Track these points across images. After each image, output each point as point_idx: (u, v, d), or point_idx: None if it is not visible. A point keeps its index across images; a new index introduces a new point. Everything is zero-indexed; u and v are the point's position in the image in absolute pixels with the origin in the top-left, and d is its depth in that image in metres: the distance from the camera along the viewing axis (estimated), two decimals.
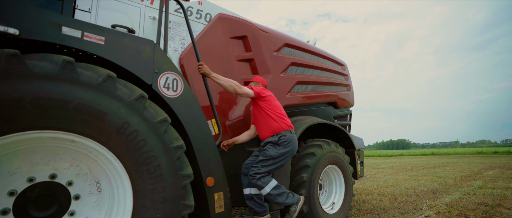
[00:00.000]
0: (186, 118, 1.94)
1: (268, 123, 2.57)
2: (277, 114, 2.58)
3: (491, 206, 4.33)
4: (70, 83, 1.37)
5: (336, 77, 4.15)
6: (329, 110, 4.00)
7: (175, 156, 1.70)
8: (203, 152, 2.01)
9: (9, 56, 1.24)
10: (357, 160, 4.01)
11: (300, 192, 2.78)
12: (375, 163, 18.25)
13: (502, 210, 4.07)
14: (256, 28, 3.16)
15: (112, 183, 1.61)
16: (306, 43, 3.85)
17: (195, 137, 1.97)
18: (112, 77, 1.53)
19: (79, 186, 1.60)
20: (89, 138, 1.44)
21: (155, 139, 1.62)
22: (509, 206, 4.33)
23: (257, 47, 3.10)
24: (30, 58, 1.32)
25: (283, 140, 2.48)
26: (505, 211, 4.02)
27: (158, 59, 1.90)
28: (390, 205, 4.46)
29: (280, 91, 3.20)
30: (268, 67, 3.14)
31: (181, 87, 1.98)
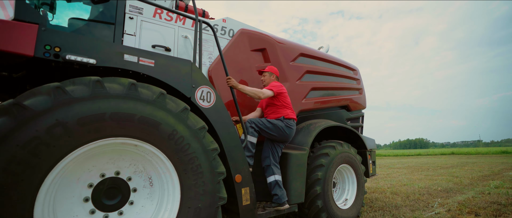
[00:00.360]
0: (218, 124, 2.31)
1: (278, 110, 3.01)
2: (287, 104, 3.03)
3: (503, 205, 4.44)
4: (135, 100, 1.77)
5: (348, 82, 4.41)
6: (342, 113, 4.27)
7: (212, 157, 2.07)
8: (232, 153, 2.37)
9: (94, 82, 1.64)
10: (369, 159, 4.26)
11: (315, 188, 3.09)
12: (390, 163, 18.09)
13: None
14: (274, 40, 3.49)
15: (162, 178, 2.00)
16: (319, 51, 4.14)
17: (226, 140, 2.33)
18: (163, 94, 1.92)
19: (136, 181, 2.00)
20: (148, 142, 1.83)
21: (196, 143, 1.99)
22: None
23: (275, 58, 3.43)
24: (105, 81, 1.72)
25: (288, 124, 2.93)
26: None
27: (195, 76, 2.28)
28: (402, 203, 4.67)
29: (296, 97, 3.51)
30: (286, 75, 3.46)
31: (213, 98, 2.35)
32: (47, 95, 1.50)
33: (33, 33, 1.60)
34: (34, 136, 1.41)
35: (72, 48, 1.74)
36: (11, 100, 1.43)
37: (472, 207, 4.29)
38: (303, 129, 3.43)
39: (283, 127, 2.89)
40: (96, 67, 1.88)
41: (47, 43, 1.65)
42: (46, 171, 1.47)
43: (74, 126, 1.53)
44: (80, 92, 1.59)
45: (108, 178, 1.88)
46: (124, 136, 1.74)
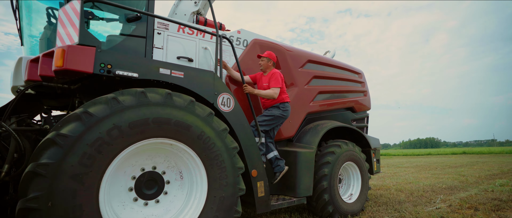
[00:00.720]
0: (237, 126, 2.67)
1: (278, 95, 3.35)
2: (283, 90, 3.35)
3: (504, 201, 4.65)
4: (171, 107, 2.14)
5: (353, 85, 4.71)
6: (347, 114, 4.58)
7: (233, 154, 2.43)
8: (249, 151, 2.72)
9: (139, 93, 2.02)
10: (373, 158, 4.55)
11: (322, 183, 3.42)
12: (398, 162, 18.11)
13: None
14: (284, 48, 3.83)
15: (191, 172, 2.37)
16: (325, 57, 4.46)
17: (243, 140, 2.69)
18: (193, 101, 2.29)
19: (169, 174, 2.38)
20: (181, 142, 2.20)
21: (220, 142, 2.36)
22: None
23: (285, 65, 3.77)
24: (147, 91, 2.10)
25: (284, 108, 3.31)
26: None
27: (216, 84, 2.65)
28: (405, 199, 4.93)
29: (304, 101, 3.84)
30: (294, 81, 3.79)
31: (233, 104, 2.71)
32: (105, 104, 1.89)
33: (92, 54, 1.99)
34: (98, 137, 1.80)
35: (120, 65, 2.12)
36: (81, 108, 1.82)
37: (472, 203, 4.52)
38: (311, 130, 3.76)
39: (282, 113, 3.29)
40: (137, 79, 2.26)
41: (102, 61, 2.04)
42: (107, 164, 1.85)
43: (126, 129, 1.91)
44: (129, 102, 1.97)
45: (147, 172, 2.26)
46: (163, 136, 2.12)
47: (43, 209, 1.60)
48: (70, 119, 1.79)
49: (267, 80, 3.33)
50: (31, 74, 2.21)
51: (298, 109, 3.74)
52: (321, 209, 3.47)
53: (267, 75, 3.37)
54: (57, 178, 1.65)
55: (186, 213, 2.28)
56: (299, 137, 3.73)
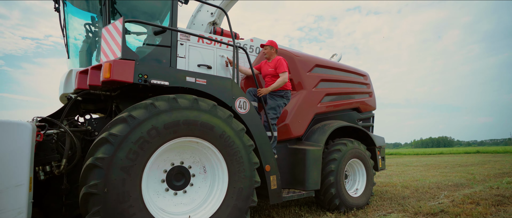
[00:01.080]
0: (252, 127, 3.02)
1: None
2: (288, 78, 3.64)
3: (506, 197, 4.83)
4: (197, 110, 2.51)
5: (359, 87, 4.98)
6: (353, 114, 4.86)
7: (249, 151, 2.78)
8: (262, 148, 3.06)
9: (171, 99, 2.40)
10: (378, 155, 4.81)
11: (329, 178, 3.72)
12: (408, 161, 18.08)
13: None
14: (293, 54, 4.15)
15: (214, 167, 2.73)
16: (332, 61, 4.75)
17: (258, 138, 3.03)
18: (215, 105, 2.65)
19: (194, 168, 2.74)
20: (206, 140, 2.57)
21: (238, 140, 2.71)
22: None
23: (294, 70, 4.09)
24: (178, 97, 2.47)
25: (287, 96, 3.66)
26: None
27: (234, 89, 3.00)
28: (410, 195, 5.17)
29: (312, 102, 4.15)
30: (303, 84, 4.11)
31: (248, 107, 3.06)
32: (145, 109, 2.27)
33: (132, 66, 2.38)
34: (140, 136, 2.18)
35: (154, 75, 2.50)
36: (125, 113, 2.21)
37: (474, 199, 4.72)
38: (318, 129, 4.07)
39: (285, 102, 3.65)
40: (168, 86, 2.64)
41: (140, 72, 2.42)
42: (147, 158, 2.23)
43: (162, 129, 2.29)
44: (164, 106, 2.35)
45: (176, 166, 2.63)
46: (191, 136, 2.49)
47: (100, 194, 1.99)
48: (118, 121, 2.17)
49: (272, 65, 3.64)
50: (80, 83, 2.62)
51: (306, 110, 4.05)
52: (328, 202, 3.78)
53: (272, 61, 3.68)
54: (110, 169, 2.03)
55: (210, 201, 2.65)
56: (308, 136, 4.04)
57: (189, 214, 2.51)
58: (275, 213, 3.86)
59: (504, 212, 3.80)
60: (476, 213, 3.72)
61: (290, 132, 3.86)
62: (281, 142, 3.80)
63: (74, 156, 2.53)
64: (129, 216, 2.08)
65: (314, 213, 3.86)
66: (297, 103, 3.98)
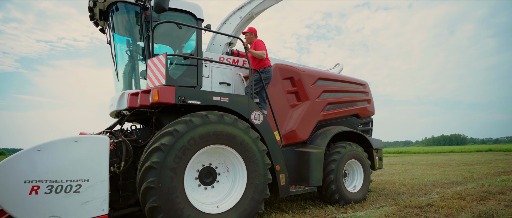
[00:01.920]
0: (265, 135, 3.72)
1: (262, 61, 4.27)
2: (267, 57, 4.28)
3: (492, 193, 5.37)
4: (223, 124, 3.22)
5: (358, 95, 5.61)
6: (353, 120, 5.49)
7: (263, 154, 3.48)
8: (273, 152, 3.76)
9: (203, 115, 3.12)
10: (375, 156, 5.44)
11: (329, 176, 4.38)
12: (415, 160, 18.39)
13: (499, 196, 5.12)
14: (299, 70, 4.82)
15: (235, 167, 3.44)
16: (334, 73, 5.39)
17: (269, 144, 3.73)
18: (236, 119, 3.36)
19: (219, 169, 3.47)
20: (229, 146, 3.28)
21: (254, 146, 3.41)
22: (508, 193, 5.33)
23: (300, 83, 4.76)
24: (209, 114, 3.19)
25: (265, 72, 4.22)
26: (500, 197, 5.07)
27: (250, 104, 3.70)
28: (405, 191, 5.77)
29: (316, 111, 4.81)
30: (308, 96, 4.77)
31: (262, 118, 3.76)
32: (185, 123, 3.00)
33: (173, 91, 3.11)
34: (183, 145, 2.91)
35: (190, 96, 3.23)
36: (170, 127, 2.94)
37: (462, 195, 5.29)
38: (321, 134, 4.73)
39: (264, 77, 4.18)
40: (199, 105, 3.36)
41: (179, 95, 3.15)
42: (187, 161, 2.96)
43: (198, 139, 3.02)
44: (198, 121, 3.07)
45: (206, 167, 3.36)
46: (218, 143, 3.21)
47: (156, 187, 2.73)
48: (166, 134, 2.91)
49: (253, 47, 4.31)
50: (132, 103, 3.37)
51: (310, 118, 4.72)
52: (329, 196, 4.45)
53: (252, 44, 4.37)
54: (162, 170, 2.77)
55: (232, 194, 3.36)
56: (312, 140, 4.71)
57: (217, 204, 3.24)
58: (284, 205, 4.56)
59: (483, 206, 4.38)
60: (457, 206, 4.31)
61: (296, 137, 4.54)
62: (289, 145, 4.48)
63: (129, 159, 3.28)
64: (176, 204, 2.81)
65: (317, 206, 4.54)
66: (302, 112, 4.65)
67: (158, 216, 2.74)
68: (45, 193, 2.30)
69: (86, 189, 2.47)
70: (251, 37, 4.49)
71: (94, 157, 2.55)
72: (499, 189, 5.85)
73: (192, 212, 2.92)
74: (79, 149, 2.49)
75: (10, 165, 2.21)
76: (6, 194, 2.16)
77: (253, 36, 4.51)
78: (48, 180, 2.31)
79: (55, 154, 2.38)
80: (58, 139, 2.45)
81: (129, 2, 3.76)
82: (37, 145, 2.35)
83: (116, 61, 4.02)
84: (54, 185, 2.34)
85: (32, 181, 2.26)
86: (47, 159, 2.34)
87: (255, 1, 4.95)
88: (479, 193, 5.39)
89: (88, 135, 2.77)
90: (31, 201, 2.24)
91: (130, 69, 4.06)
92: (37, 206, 2.25)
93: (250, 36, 4.49)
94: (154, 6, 3.11)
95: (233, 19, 5.02)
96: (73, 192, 2.41)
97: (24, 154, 2.29)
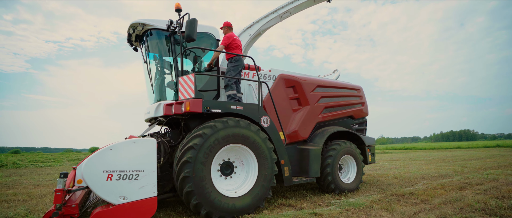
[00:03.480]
0: (272, 135, 4.60)
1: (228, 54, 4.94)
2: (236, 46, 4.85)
3: (471, 184, 6.13)
4: (239, 127, 4.12)
5: (352, 99, 6.43)
6: (348, 121, 6.32)
7: (270, 151, 4.37)
8: (279, 149, 4.64)
9: (224, 121, 4.03)
10: (368, 152, 6.26)
11: (326, 169, 5.24)
12: (417, 156, 18.97)
13: (476, 187, 5.88)
14: (300, 79, 5.66)
15: (249, 161, 4.34)
16: (330, 80, 6.22)
17: (276, 143, 4.61)
18: (249, 123, 4.25)
19: (236, 163, 4.37)
20: (244, 145, 4.18)
21: (264, 145, 4.30)
22: (486, 184, 6.08)
23: (301, 90, 5.61)
24: (228, 120, 4.08)
25: (233, 62, 4.80)
26: (477, 187, 5.84)
27: (260, 111, 4.59)
28: (396, 183, 6.58)
29: (315, 114, 5.65)
30: (308, 101, 5.62)
31: (269, 122, 4.64)
32: (210, 128, 3.90)
33: (201, 102, 4.01)
34: (210, 144, 3.82)
35: (213, 106, 4.14)
36: (199, 130, 3.85)
37: (444, 185, 6.07)
38: (319, 134, 5.59)
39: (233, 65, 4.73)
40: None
41: (205, 106, 4.06)
42: (213, 157, 3.87)
43: (220, 140, 3.92)
44: (220, 126, 3.97)
45: (225, 161, 4.27)
46: (236, 143, 4.11)
47: (191, 177, 3.64)
48: (196, 136, 3.82)
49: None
50: (167, 111, 4.28)
51: (310, 120, 5.57)
52: (326, 186, 5.31)
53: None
54: (195, 163, 3.68)
55: (247, 183, 4.26)
56: (311, 139, 5.57)
57: (235, 190, 4.15)
58: (288, 194, 5.44)
59: (457, 194, 5.17)
60: (434, 194, 5.12)
61: (298, 136, 5.40)
62: (292, 143, 5.35)
63: (166, 156, 4.21)
64: (205, 189, 3.73)
65: (316, 194, 5.41)
66: (303, 115, 5.51)
67: (193, 198, 3.66)
68: (116, 180, 3.23)
69: (142, 177, 3.40)
70: (226, 30, 5.08)
71: (146, 153, 3.48)
72: (479, 180, 6.60)
73: (217, 195, 3.83)
74: (136, 148, 3.42)
75: (94, 160, 3.15)
76: (93, 180, 3.09)
77: (227, 29, 5.07)
78: (118, 170, 3.24)
79: (121, 152, 3.31)
80: (122, 141, 3.39)
81: (161, 29, 4.68)
82: (109, 146, 3.29)
83: (151, 77, 4.96)
84: (122, 174, 3.27)
85: (108, 171, 3.19)
86: (116, 155, 3.27)
87: (262, 20, 5.81)
88: (459, 184, 6.16)
89: (141, 138, 3.69)
90: (108, 185, 3.17)
91: (161, 83, 4.99)
92: (112, 188, 3.19)
93: (226, 31, 5.07)
94: (185, 37, 4.01)
95: (244, 36, 5.89)
96: (134, 179, 3.35)
97: (102, 152, 3.23)
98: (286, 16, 6.06)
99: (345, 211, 4.04)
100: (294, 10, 6.02)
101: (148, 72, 5.02)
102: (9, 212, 4.27)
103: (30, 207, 4.63)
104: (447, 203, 4.43)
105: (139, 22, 4.64)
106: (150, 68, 4.98)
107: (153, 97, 5.03)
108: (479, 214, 3.76)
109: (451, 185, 6.11)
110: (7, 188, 7.01)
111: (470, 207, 4.14)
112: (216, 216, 3.75)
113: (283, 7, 5.91)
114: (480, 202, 4.42)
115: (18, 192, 6.20)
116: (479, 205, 4.21)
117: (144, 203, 3.34)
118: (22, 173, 10.70)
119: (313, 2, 6.06)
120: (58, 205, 3.00)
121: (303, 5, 6.00)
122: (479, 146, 37.95)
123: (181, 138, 4.49)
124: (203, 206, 3.67)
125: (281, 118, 5.16)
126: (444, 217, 3.67)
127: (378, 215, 3.84)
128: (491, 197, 4.81)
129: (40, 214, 4.18)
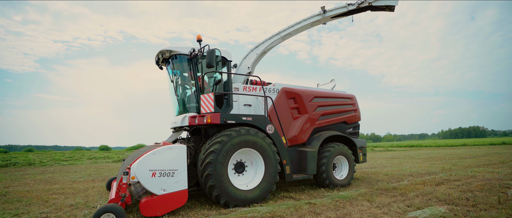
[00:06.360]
0: (276, 140, 5.65)
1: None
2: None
3: (449, 181, 7.05)
4: (249, 135, 5.18)
5: (346, 107, 7.41)
6: (342, 126, 7.32)
7: (274, 153, 5.43)
8: (282, 152, 5.69)
9: (237, 130, 5.10)
10: (360, 153, 7.25)
11: (322, 168, 6.27)
12: (417, 154, 19.70)
13: (453, 182, 6.80)
14: (300, 91, 6.68)
15: (257, 162, 5.41)
16: (326, 91, 7.22)
17: (279, 146, 5.66)
18: (257, 131, 5.31)
19: (247, 163, 5.45)
20: (253, 149, 5.24)
21: (269, 149, 5.36)
22: (462, 180, 7.00)
23: (301, 101, 6.63)
24: (241, 129, 5.15)
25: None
26: (453, 182, 6.76)
27: (266, 120, 5.64)
28: (385, 179, 7.54)
29: (312, 121, 6.67)
30: (306, 110, 6.64)
31: (273, 129, 5.69)
32: (227, 136, 4.97)
33: (219, 115, 5.08)
34: (227, 148, 4.89)
35: (229, 118, 5.21)
36: (218, 138, 4.92)
37: (425, 181, 7.01)
38: (316, 137, 6.61)
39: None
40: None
41: (223, 118, 5.13)
42: (229, 158, 4.94)
43: (235, 145, 4.98)
44: (234, 134, 5.03)
45: (238, 162, 5.34)
46: (246, 147, 5.17)
47: (212, 174, 4.73)
48: (216, 142, 4.89)
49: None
50: (191, 122, 5.37)
51: (308, 126, 6.59)
52: (322, 182, 6.35)
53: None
54: (215, 164, 4.76)
55: (256, 179, 5.33)
56: (309, 142, 6.60)
57: (246, 184, 5.22)
58: (290, 188, 6.49)
59: (432, 188, 6.12)
60: (412, 188, 6.09)
61: (298, 140, 6.43)
62: (292, 146, 6.39)
63: (191, 158, 5.31)
64: (224, 184, 4.80)
65: (313, 188, 6.45)
66: (302, 122, 6.53)
67: (214, 190, 4.74)
68: (158, 176, 4.33)
69: (177, 174, 4.50)
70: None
71: (179, 156, 4.57)
72: (458, 177, 7.51)
73: (233, 188, 4.91)
74: (172, 152, 4.51)
75: (143, 162, 4.26)
76: (142, 176, 4.20)
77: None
78: (159, 169, 4.35)
79: (162, 155, 4.41)
80: (162, 147, 4.49)
81: (184, 54, 5.75)
82: (153, 151, 4.39)
83: (177, 93, 6.06)
84: (162, 172, 4.37)
85: (152, 170, 4.29)
86: (158, 158, 4.37)
87: (266, 42, 6.83)
88: (439, 180, 7.09)
89: (174, 144, 4.80)
90: (153, 180, 4.27)
91: (185, 98, 6.09)
92: (156, 183, 4.29)
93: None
94: (206, 65, 5.07)
95: (251, 55, 6.93)
96: (171, 176, 4.44)
97: (148, 156, 4.33)
98: (287, 37, 7.06)
99: (334, 202, 5.06)
100: (294, 33, 7.02)
101: (175, 89, 6.12)
102: (69, 201, 5.44)
103: (83, 198, 5.80)
104: (419, 196, 5.41)
105: (166, 50, 5.73)
106: (175, 86, 6.07)
107: (177, 109, 6.13)
108: (440, 204, 4.73)
109: (432, 181, 7.05)
110: (50, 184, 8.23)
111: (435, 199, 5.11)
112: (232, 204, 4.84)
113: (284, 30, 6.92)
114: (446, 194, 5.38)
115: (63, 187, 7.40)
116: (443, 197, 5.18)
117: (178, 194, 4.44)
118: (52, 171, 12.00)
119: (310, 26, 7.05)
120: (123, 194, 4.12)
121: (301, 28, 7.01)
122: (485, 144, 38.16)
123: (202, 143, 5.58)
124: (222, 197, 4.76)
125: (283, 125, 6.20)
126: (411, 205, 4.66)
127: (360, 204, 4.85)
128: (459, 191, 5.75)
129: (95, 203, 5.33)
